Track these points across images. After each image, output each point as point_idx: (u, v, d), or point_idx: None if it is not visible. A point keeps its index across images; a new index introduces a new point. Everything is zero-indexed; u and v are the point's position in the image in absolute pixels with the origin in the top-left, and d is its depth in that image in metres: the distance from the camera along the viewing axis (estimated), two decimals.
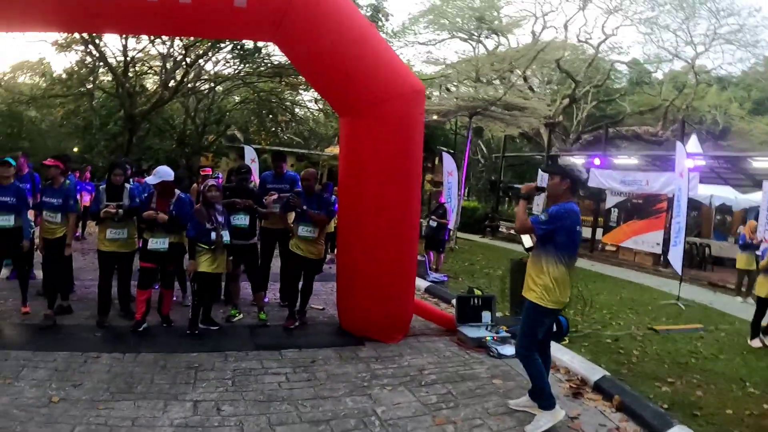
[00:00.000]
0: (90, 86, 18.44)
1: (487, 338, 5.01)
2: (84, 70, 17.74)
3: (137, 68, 17.90)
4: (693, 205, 12.53)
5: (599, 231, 15.25)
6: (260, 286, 5.19)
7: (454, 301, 6.53)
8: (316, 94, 21.03)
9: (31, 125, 23.66)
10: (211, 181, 4.77)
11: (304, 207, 4.98)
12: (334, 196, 5.37)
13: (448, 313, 5.81)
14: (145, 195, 4.92)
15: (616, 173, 14.16)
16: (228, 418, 3.21)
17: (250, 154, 14.03)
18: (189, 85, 16.59)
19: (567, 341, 5.28)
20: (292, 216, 5.27)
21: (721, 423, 3.64)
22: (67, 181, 5.06)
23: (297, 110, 22.34)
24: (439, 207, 9.91)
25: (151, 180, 4.69)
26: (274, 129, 22.64)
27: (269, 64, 16.35)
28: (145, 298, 4.70)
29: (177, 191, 4.83)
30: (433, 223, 9.43)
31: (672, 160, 14.98)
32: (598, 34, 23.40)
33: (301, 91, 20.44)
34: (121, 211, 4.69)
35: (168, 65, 17.16)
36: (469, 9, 18.68)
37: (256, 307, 5.40)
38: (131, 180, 5.90)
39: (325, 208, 5.10)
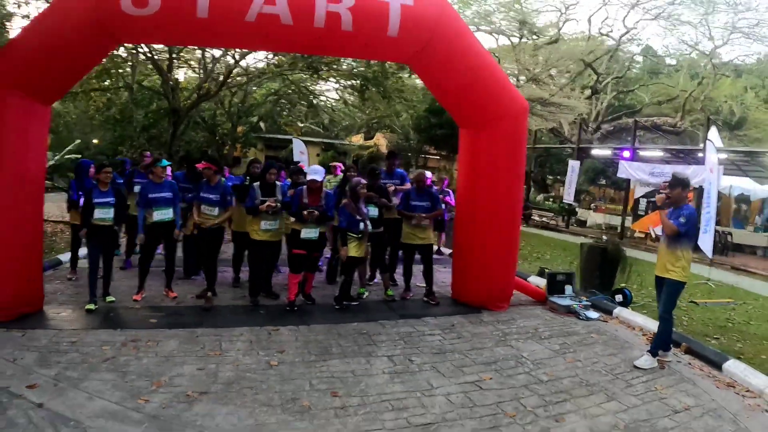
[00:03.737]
0: (129, 80, 19.01)
1: (574, 306, 6.12)
2: (119, 61, 18.14)
3: (177, 62, 18.40)
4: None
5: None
6: (386, 268, 6.22)
7: (531, 279, 7.55)
8: (337, 84, 21.62)
9: (58, 117, 23.92)
10: (361, 179, 5.58)
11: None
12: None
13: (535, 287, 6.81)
14: (292, 191, 5.60)
15: (645, 165, 14.91)
16: (422, 365, 4.18)
17: (299, 146, 13.90)
18: (234, 79, 17.20)
19: (631, 310, 6.33)
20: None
21: (760, 363, 4.67)
22: (222, 179, 5.77)
23: (323, 99, 22.90)
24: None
25: (316, 177, 5.27)
26: (292, 118, 22.85)
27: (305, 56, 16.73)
28: (297, 281, 5.46)
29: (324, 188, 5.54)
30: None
31: (693, 152, 15.87)
32: (619, 26, 23.85)
33: (325, 81, 20.85)
34: (279, 204, 5.46)
35: (208, 59, 17.71)
36: (514, 11, 18.77)
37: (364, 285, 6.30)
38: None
39: (432, 200, 6.06)
